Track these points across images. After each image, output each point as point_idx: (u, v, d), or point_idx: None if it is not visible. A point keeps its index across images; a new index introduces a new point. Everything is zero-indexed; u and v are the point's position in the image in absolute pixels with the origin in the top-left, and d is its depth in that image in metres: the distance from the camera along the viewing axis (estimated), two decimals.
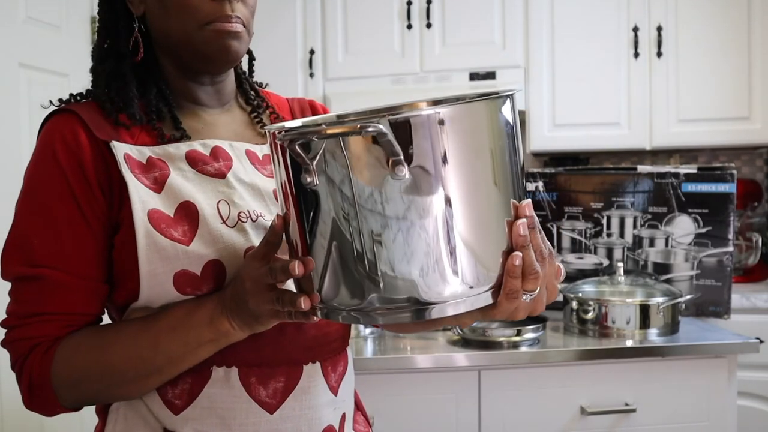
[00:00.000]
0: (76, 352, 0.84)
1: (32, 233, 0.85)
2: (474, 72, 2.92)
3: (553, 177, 1.95)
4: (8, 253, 0.86)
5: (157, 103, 0.92)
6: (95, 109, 0.90)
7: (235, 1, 0.89)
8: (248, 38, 0.93)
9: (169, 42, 0.91)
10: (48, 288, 0.84)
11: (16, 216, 0.87)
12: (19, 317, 0.86)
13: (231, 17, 0.88)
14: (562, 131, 2.88)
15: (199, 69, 0.93)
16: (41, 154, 0.87)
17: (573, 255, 1.95)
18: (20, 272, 0.85)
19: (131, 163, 0.85)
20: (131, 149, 0.87)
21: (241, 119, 1.00)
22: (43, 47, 2.21)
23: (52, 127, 0.88)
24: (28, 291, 0.85)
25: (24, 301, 0.86)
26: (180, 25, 0.88)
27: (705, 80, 2.73)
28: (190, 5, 0.87)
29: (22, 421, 2.01)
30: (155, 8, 0.90)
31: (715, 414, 1.65)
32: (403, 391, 1.61)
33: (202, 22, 0.87)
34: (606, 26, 2.81)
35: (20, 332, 0.86)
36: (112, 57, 0.93)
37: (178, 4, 0.88)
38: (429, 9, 2.96)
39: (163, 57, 0.94)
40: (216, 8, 0.87)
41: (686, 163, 2.90)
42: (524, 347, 1.62)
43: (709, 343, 1.65)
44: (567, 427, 1.64)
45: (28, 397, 0.87)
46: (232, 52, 0.90)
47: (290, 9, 3.06)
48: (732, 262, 1.88)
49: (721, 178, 1.86)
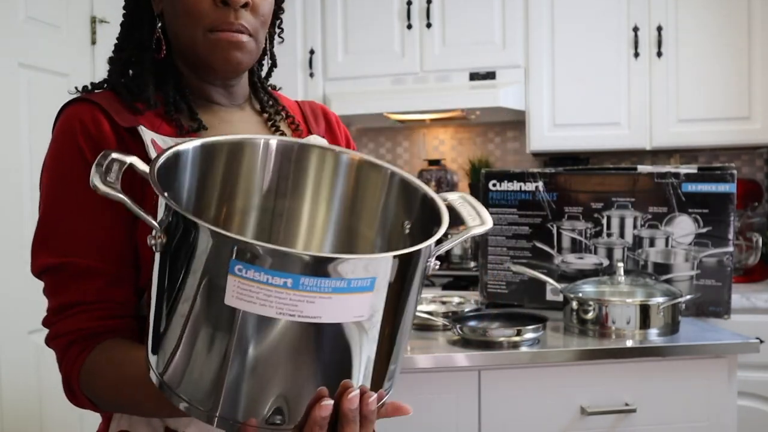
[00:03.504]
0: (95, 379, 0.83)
1: (58, 223, 0.85)
2: (474, 72, 2.92)
3: (553, 177, 1.95)
4: (36, 247, 0.86)
5: (174, 95, 0.93)
6: (113, 98, 0.90)
7: (243, 9, 0.89)
8: (256, 48, 0.93)
9: (179, 44, 0.92)
10: (76, 276, 0.84)
11: (42, 209, 0.87)
12: (54, 312, 0.85)
13: (234, 25, 0.88)
14: (562, 131, 2.88)
15: (207, 73, 0.94)
16: (62, 143, 0.87)
17: (573, 255, 1.95)
18: (47, 263, 0.85)
19: (157, 148, 0.86)
20: (156, 136, 0.88)
21: (255, 120, 1.01)
22: (43, 47, 2.21)
23: (71, 116, 0.88)
24: (57, 282, 0.85)
25: (55, 293, 0.85)
26: (187, 29, 0.90)
27: (705, 80, 2.73)
28: (196, 10, 0.88)
29: (22, 421, 2.01)
30: (168, 9, 0.92)
31: (715, 414, 1.65)
32: (403, 391, 1.60)
33: (207, 28, 0.88)
34: (606, 26, 2.82)
35: (56, 329, 0.85)
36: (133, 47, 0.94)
37: (185, 8, 0.88)
38: (429, 9, 2.96)
39: (177, 55, 0.95)
40: (220, 15, 0.88)
41: (686, 163, 2.90)
42: (524, 347, 1.62)
43: (709, 343, 1.65)
44: (567, 427, 1.64)
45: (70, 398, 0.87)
46: (233, 63, 0.90)
47: (290, 9, 3.06)
48: (732, 262, 1.88)
49: (721, 178, 1.86)
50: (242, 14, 0.88)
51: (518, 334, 1.62)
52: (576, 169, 2.01)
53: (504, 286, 2.00)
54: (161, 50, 0.93)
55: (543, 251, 1.96)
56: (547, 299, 1.95)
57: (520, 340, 1.62)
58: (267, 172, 0.82)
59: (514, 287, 1.99)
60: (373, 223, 0.82)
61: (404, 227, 0.80)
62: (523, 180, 1.96)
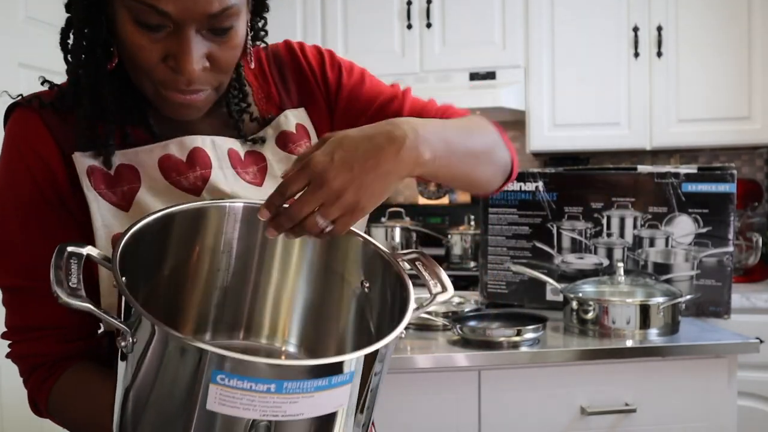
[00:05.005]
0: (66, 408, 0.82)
1: (12, 243, 0.81)
2: (474, 72, 2.92)
3: (553, 177, 1.95)
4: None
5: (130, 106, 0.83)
6: (61, 113, 0.82)
7: (199, 71, 0.74)
8: (219, 91, 0.81)
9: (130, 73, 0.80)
10: (34, 301, 0.81)
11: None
12: (14, 332, 0.84)
13: (188, 91, 0.76)
14: (562, 131, 2.88)
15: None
16: (9, 162, 0.82)
17: (573, 255, 1.95)
18: (5, 283, 0.83)
19: (96, 178, 0.80)
20: (95, 162, 0.80)
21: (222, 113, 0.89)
22: (43, 47, 2.20)
23: (17, 130, 0.82)
24: (16, 303, 0.83)
25: (15, 314, 0.83)
26: (135, 73, 0.78)
27: (705, 80, 2.73)
28: (145, 67, 0.75)
29: (22, 421, 2.01)
30: (119, 39, 0.77)
31: (715, 414, 1.65)
32: (403, 391, 1.61)
33: (158, 83, 0.77)
34: (606, 26, 2.81)
35: (19, 348, 0.84)
36: (84, 56, 0.82)
37: (134, 61, 0.76)
38: (429, 9, 2.96)
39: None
40: (172, 78, 0.75)
41: (686, 163, 2.90)
42: (524, 347, 1.62)
43: (709, 343, 1.65)
44: (567, 427, 1.64)
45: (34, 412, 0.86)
46: (187, 117, 0.81)
47: (290, 9, 3.07)
48: (732, 262, 1.88)
49: (721, 178, 1.86)
50: (196, 78, 0.75)
51: (518, 334, 1.61)
52: (576, 169, 2.01)
53: (504, 286, 2.00)
54: (112, 61, 0.80)
55: (543, 251, 1.96)
56: (547, 299, 1.95)
57: (520, 340, 1.62)
58: (233, 239, 0.79)
59: (514, 287, 1.99)
60: (340, 295, 0.82)
61: (363, 286, 0.79)
62: (523, 180, 1.96)
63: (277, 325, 0.84)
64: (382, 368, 0.68)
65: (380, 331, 0.74)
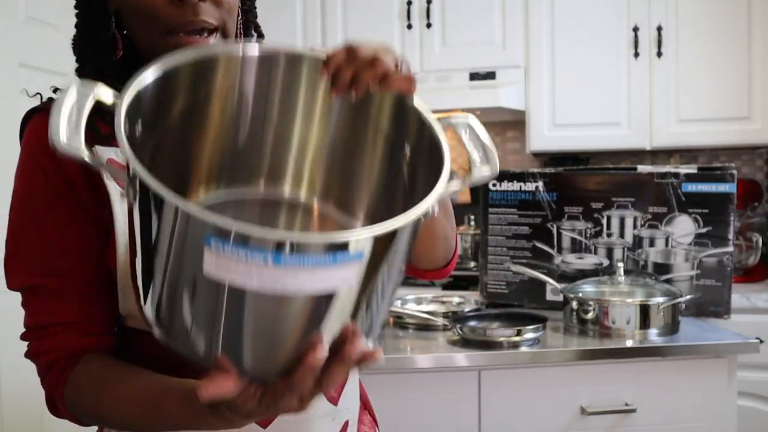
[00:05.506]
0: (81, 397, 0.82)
1: (27, 243, 0.83)
2: (474, 72, 2.92)
3: (553, 177, 1.95)
4: (8, 264, 0.84)
5: None
6: None
7: (202, 2, 0.77)
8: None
9: (138, 44, 0.83)
10: (52, 298, 0.82)
11: (10, 225, 0.84)
12: (33, 330, 0.84)
13: (195, 23, 0.78)
14: (562, 131, 2.88)
15: None
16: (26, 163, 0.84)
17: (573, 255, 1.95)
18: (23, 283, 0.84)
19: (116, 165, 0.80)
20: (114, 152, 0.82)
21: None
22: (43, 47, 2.21)
23: (34, 133, 0.84)
24: (35, 302, 0.84)
25: (33, 313, 0.84)
26: (143, 31, 0.80)
27: (705, 80, 2.73)
28: (149, 12, 0.77)
29: (22, 421, 2.01)
30: (124, 9, 0.82)
31: (715, 414, 1.65)
32: (403, 391, 1.61)
33: (164, 30, 0.78)
34: (606, 26, 2.81)
35: (36, 346, 0.84)
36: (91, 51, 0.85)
37: (138, 9, 0.78)
38: (429, 9, 2.96)
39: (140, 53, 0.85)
40: (177, 14, 0.77)
41: (686, 163, 2.90)
42: (524, 347, 1.62)
43: (709, 343, 1.65)
44: (567, 427, 1.64)
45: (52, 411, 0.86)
46: None
47: (290, 9, 3.07)
48: (732, 262, 1.88)
49: (721, 178, 1.86)
50: (202, 9, 0.77)
51: (518, 334, 1.62)
52: (576, 169, 2.01)
53: (504, 286, 2.00)
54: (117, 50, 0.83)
55: (543, 251, 1.96)
56: (547, 299, 1.95)
57: (520, 340, 1.62)
58: (248, 92, 0.73)
59: (514, 287, 1.99)
60: (373, 149, 0.75)
61: (405, 155, 0.74)
62: (523, 180, 1.96)
63: (302, 173, 0.77)
64: (397, 258, 0.61)
65: (414, 188, 0.69)
